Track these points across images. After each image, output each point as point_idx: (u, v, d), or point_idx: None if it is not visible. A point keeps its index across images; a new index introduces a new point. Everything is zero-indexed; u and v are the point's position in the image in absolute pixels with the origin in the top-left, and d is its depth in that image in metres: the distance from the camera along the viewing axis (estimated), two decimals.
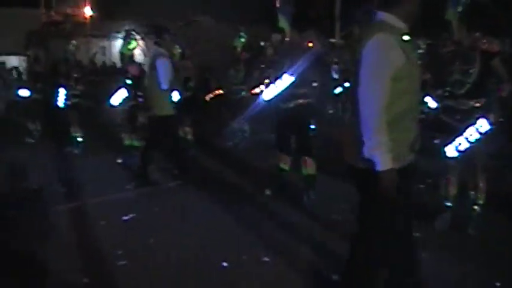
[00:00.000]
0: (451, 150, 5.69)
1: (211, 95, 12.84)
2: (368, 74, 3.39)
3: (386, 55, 3.36)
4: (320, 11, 21.66)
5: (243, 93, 10.91)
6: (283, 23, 7.16)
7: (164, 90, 7.93)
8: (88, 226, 6.41)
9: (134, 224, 6.41)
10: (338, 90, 12.08)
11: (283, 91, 6.99)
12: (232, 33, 12.26)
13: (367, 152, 3.37)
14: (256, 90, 9.37)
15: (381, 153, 3.32)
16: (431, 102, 6.67)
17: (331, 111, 13.47)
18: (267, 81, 7.50)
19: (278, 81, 6.98)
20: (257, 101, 7.90)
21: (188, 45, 11.25)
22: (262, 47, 9.89)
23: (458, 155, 5.67)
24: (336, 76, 10.26)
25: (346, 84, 11.03)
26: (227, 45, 12.31)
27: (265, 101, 7.33)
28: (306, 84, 7.04)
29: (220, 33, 22.02)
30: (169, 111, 8.15)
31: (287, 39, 7.23)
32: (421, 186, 7.35)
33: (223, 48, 14.19)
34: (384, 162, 3.33)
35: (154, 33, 8.26)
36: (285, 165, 7.40)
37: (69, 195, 7.76)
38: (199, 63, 12.33)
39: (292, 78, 6.87)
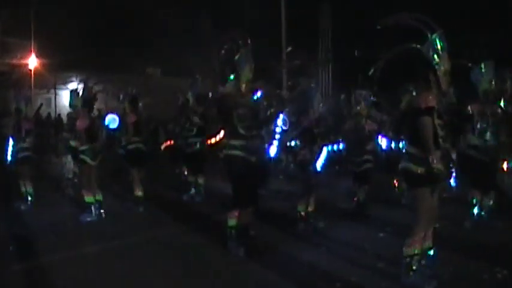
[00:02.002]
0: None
1: (163, 146, 12.69)
2: None
3: None
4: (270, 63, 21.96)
5: (198, 145, 10.86)
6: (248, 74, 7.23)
7: None
8: (47, 286, 6.19)
9: (94, 282, 6.22)
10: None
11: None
12: (179, 86, 12.31)
13: None
14: (212, 140, 9.48)
15: None
16: None
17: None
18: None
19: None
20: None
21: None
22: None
23: None
24: (285, 127, 10.31)
25: None
26: (177, 98, 12.24)
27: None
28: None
29: (167, 85, 22.14)
30: None
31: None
32: None
33: (170, 101, 14.14)
34: None
35: None
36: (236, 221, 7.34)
37: (23, 254, 7.46)
38: (148, 115, 12.20)
39: None
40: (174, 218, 9.71)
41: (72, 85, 9.86)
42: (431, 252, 6.11)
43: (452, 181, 5.94)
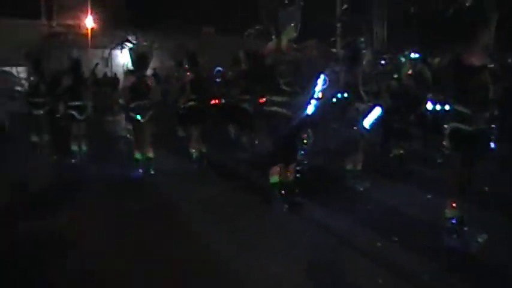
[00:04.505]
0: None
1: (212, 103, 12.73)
2: None
3: None
4: (321, 21, 21.72)
5: (246, 104, 10.92)
6: (291, 33, 7.15)
7: None
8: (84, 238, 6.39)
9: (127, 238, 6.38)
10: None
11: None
12: (234, 45, 12.28)
13: None
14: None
15: None
16: None
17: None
18: None
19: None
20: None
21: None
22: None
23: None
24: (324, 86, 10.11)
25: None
26: (233, 57, 12.24)
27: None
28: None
29: (222, 45, 22.10)
30: None
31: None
32: None
33: (225, 60, 14.14)
34: None
35: None
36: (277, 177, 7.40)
37: (64, 206, 7.75)
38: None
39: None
40: (223, 175, 9.85)
41: (129, 44, 9.88)
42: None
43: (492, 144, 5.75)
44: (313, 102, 7.63)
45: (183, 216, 7.26)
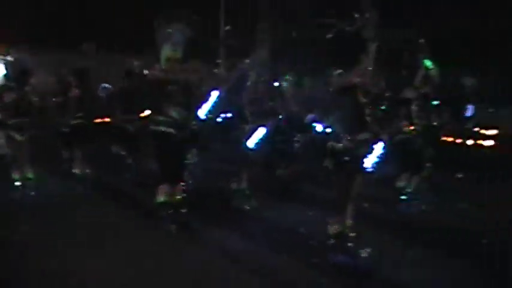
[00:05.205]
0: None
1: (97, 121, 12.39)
2: None
3: None
4: (205, 41, 21.84)
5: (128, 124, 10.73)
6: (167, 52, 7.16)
7: None
8: None
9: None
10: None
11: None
12: (116, 62, 12.12)
13: None
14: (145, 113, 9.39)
15: None
16: None
17: None
18: None
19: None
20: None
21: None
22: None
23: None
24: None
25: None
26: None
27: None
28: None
29: (103, 61, 21.74)
30: None
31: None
32: None
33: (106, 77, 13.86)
34: None
35: None
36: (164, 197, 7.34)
37: None
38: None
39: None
40: (109, 197, 9.60)
41: (7, 58, 9.41)
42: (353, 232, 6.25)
43: (371, 162, 6.05)
44: (199, 121, 7.68)
45: (63, 239, 6.94)
